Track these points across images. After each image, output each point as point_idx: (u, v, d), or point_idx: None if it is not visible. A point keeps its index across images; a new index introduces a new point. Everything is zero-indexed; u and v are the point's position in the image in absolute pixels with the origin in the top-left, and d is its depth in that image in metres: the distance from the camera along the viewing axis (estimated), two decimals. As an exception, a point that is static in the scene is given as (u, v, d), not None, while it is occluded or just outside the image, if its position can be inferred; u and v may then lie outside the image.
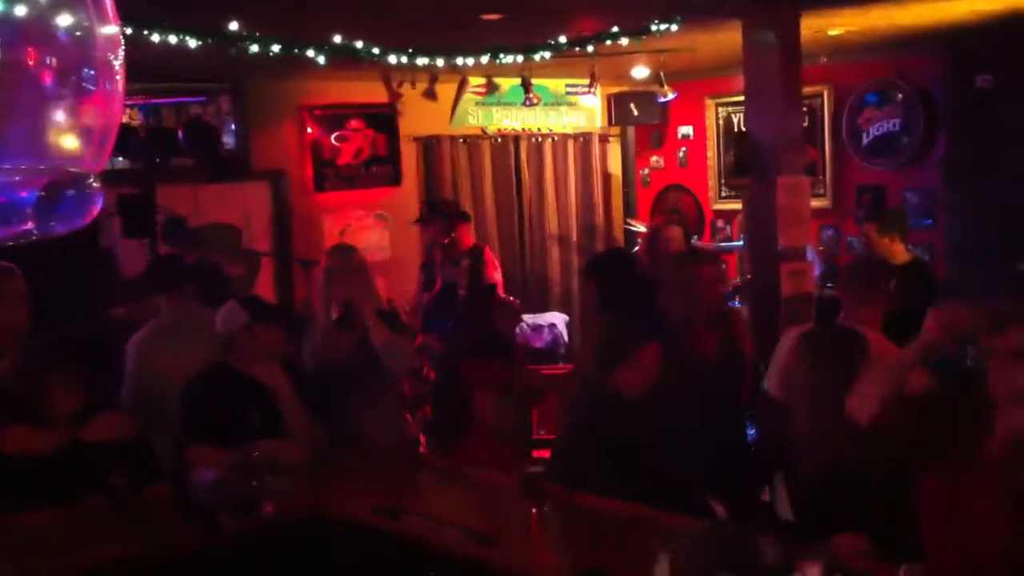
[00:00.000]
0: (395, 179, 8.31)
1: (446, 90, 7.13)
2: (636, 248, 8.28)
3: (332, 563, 3.88)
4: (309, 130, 7.90)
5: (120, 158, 6.47)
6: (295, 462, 4.26)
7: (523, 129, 8.78)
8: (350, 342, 4.74)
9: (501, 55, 6.34)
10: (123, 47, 2.28)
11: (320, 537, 3.91)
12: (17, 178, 2.05)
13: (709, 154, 8.88)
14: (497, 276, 7.17)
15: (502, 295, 6.75)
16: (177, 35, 4.89)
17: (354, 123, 8.06)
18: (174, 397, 4.47)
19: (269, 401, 4.43)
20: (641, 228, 8.38)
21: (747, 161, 5.78)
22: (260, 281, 7.39)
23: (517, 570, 3.36)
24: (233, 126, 7.55)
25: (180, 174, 6.93)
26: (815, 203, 6.50)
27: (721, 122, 8.77)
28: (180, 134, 6.60)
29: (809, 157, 6.18)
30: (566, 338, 7.86)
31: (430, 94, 6.95)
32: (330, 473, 4.29)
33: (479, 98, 8.26)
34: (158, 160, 6.49)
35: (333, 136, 7.98)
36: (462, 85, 7.24)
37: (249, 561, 3.78)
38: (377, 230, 8.24)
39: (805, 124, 6.71)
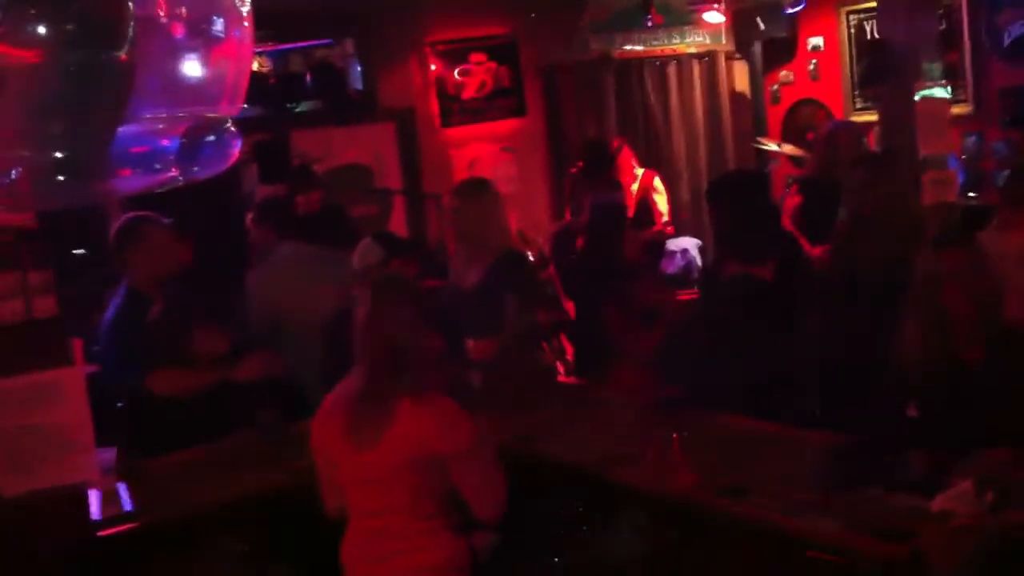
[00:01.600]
0: (520, 111, 8.29)
1: (567, 17, 7.05)
2: (771, 167, 8.13)
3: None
4: (432, 66, 7.93)
5: (252, 105, 6.63)
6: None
7: (646, 52, 8.63)
8: (476, 275, 4.77)
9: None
10: (249, -7, 2.33)
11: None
12: (159, 126, 2.12)
13: (841, 65, 8.59)
14: (664, 204, 7.12)
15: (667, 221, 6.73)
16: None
17: (476, 56, 8.05)
18: (302, 332, 4.59)
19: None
20: (772, 147, 8.18)
21: (882, 70, 5.58)
22: (393, 219, 7.51)
23: (657, 490, 3.38)
24: (359, 67, 7.63)
25: (311, 118, 7.07)
26: (956, 109, 6.24)
27: (853, 31, 8.45)
28: (308, 78, 6.72)
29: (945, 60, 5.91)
30: (699, 263, 7.78)
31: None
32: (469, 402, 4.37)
33: (600, 23, 8.15)
34: (289, 105, 6.63)
35: (456, 71, 8.00)
36: (584, 10, 7.15)
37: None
38: (504, 163, 8.25)
39: (942, 27, 6.42)
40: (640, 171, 7.26)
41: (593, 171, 6.53)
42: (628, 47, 8.48)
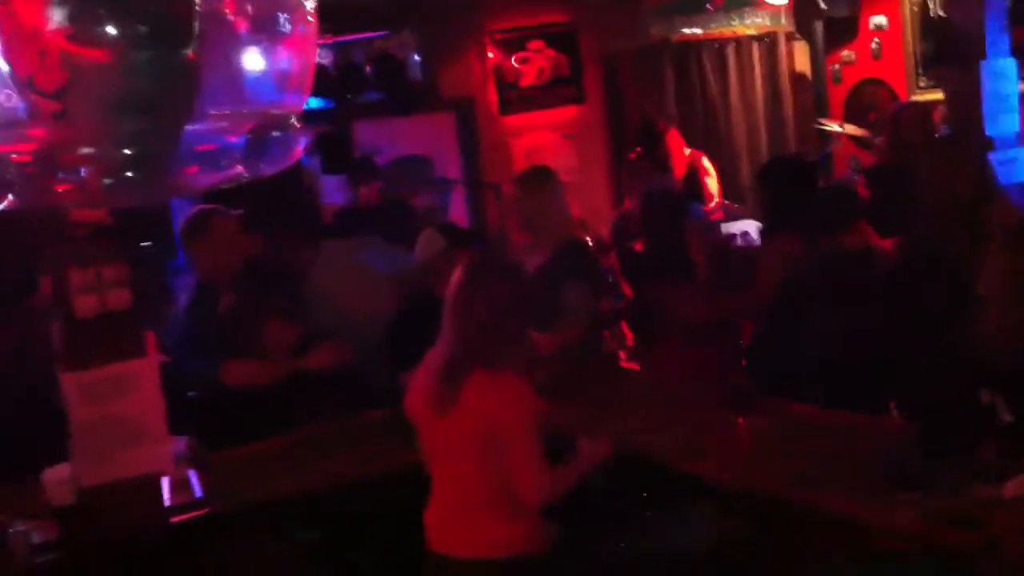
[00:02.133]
0: (579, 98, 8.27)
1: (627, 3, 7.01)
2: (833, 148, 8.03)
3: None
4: (490, 54, 7.94)
5: (314, 97, 6.68)
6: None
7: (705, 35, 8.55)
8: (537, 264, 4.77)
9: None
10: (312, -11, 2.36)
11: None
12: (224, 124, 2.16)
13: (904, 43, 8.44)
14: (714, 185, 7.08)
15: (718, 203, 6.67)
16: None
17: (535, 44, 8.04)
18: (363, 324, 4.64)
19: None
20: (835, 127, 8.07)
21: (947, 47, 5.46)
22: (453, 209, 7.54)
23: (725, 480, 3.37)
24: (417, 57, 7.67)
25: (372, 109, 7.12)
26: (1024, 86, 6.06)
27: (916, 8, 8.31)
28: (368, 69, 6.76)
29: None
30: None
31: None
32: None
33: (660, 7, 8.10)
34: (349, 97, 6.68)
35: (514, 58, 8.00)
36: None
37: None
38: (564, 150, 8.23)
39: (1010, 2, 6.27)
40: (687, 151, 7.22)
41: (644, 154, 6.51)
42: (687, 30, 8.42)
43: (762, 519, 3.27)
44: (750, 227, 7.76)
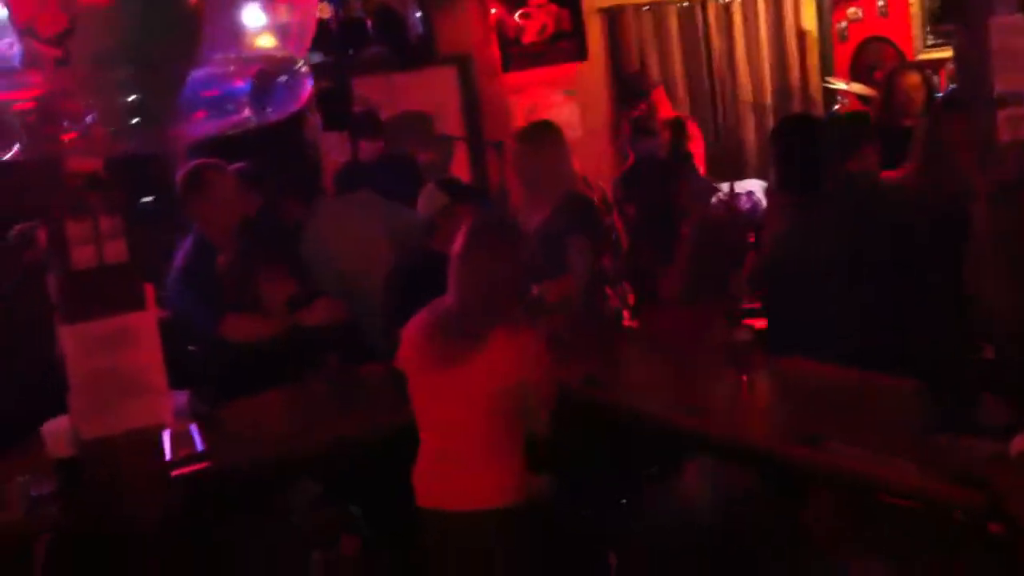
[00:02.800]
0: (581, 54, 8.17)
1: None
2: (839, 106, 7.96)
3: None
4: (492, 10, 7.84)
5: (314, 52, 6.60)
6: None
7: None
8: (540, 220, 4.74)
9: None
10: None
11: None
12: (230, 69, 2.12)
13: (912, 1, 8.35)
14: (698, 149, 7.01)
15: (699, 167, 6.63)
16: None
17: (537, -1, 7.95)
18: (361, 280, 4.62)
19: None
20: (841, 86, 7.99)
21: (954, 4, 5.39)
22: (454, 166, 7.48)
23: (728, 437, 3.36)
24: (418, 12, 7.58)
25: (372, 64, 7.04)
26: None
27: (924, -35, 8.22)
28: (369, 24, 6.68)
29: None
30: (764, 205, 7.66)
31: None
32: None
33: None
34: (350, 51, 6.61)
35: (517, 14, 7.90)
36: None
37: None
38: (566, 107, 8.15)
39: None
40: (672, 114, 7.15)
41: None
42: (692, -14, 8.32)
43: (766, 477, 3.27)
44: (755, 186, 7.73)
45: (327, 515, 3.78)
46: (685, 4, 8.33)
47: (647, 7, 8.23)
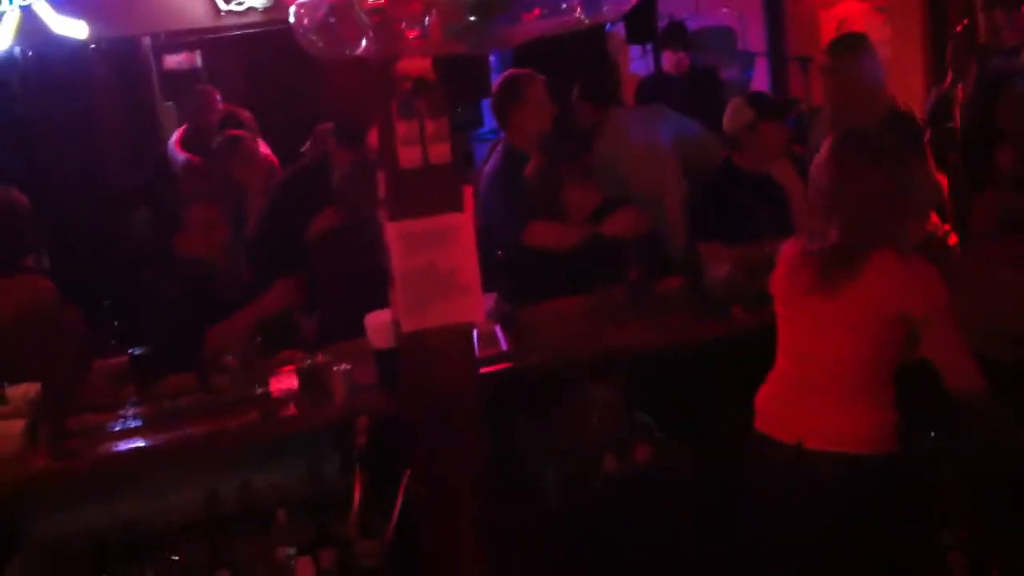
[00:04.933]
0: (899, -35, 7.72)
1: None
2: None
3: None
4: (805, -80, 7.53)
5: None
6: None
7: None
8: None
9: None
10: None
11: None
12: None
13: None
14: None
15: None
16: None
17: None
18: (652, 193, 4.59)
19: (779, 199, 4.42)
20: None
21: None
22: (756, 81, 7.29)
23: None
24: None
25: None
26: None
27: None
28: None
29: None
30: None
31: None
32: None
33: None
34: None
35: (830, -76, 7.55)
36: None
37: (759, 353, 3.86)
38: (876, 23, 7.74)
39: None
40: None
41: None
42: None
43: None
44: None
45: (622, 420, 3.84)
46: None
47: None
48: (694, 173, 4.96)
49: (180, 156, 5.95)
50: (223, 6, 6.31)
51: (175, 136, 6.18)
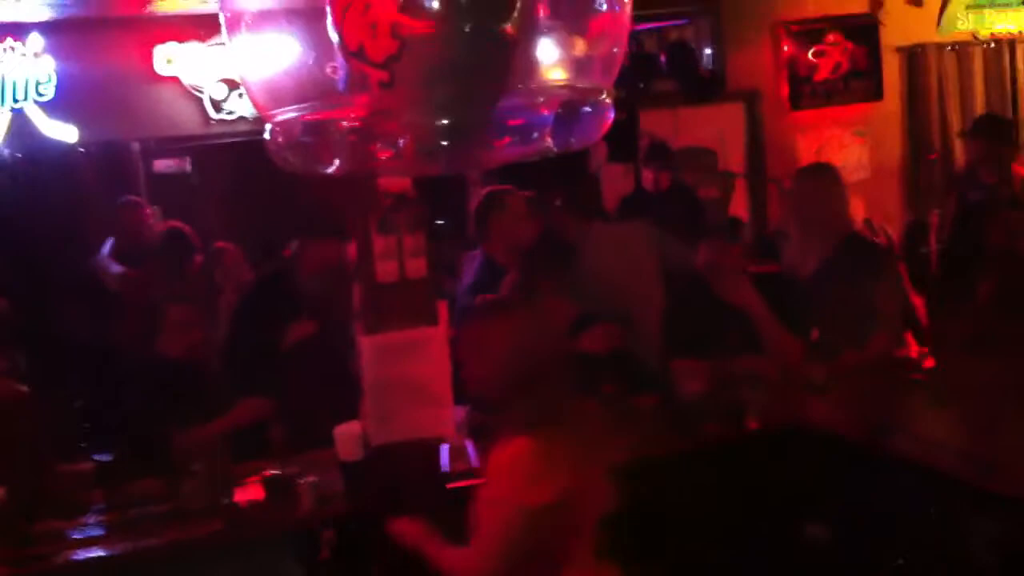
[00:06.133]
0: (875, 94, 7.90)
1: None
2: None
3: (812, 476, 3.85)
4: (785, 47, 7.71)
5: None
6: (775, 376, 4.28)
7: (1021, 34, 7.97)
8: (815, 262, 4.62)
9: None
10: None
11: (801, 451, 3.88)
12: (538, 98, 2.19)
13: None
14: None
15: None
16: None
17: (832, 36, 7.74)
18: (635, 307, 4.64)
19: (744, 318, 4.46)
20: None
21: None
22: (734, 202, 7.39)
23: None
24: (708, 48, 7.57)
25: (659, 98, 7.09)
26: None
27: None
28: (662, 58, 6.73)
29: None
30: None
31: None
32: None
33: (969, 0, 7.64)
34: (641, 85, 6.68)
35: (810, 51, 7.73)
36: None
37: (731, 469, 3.85)
38: (855, 148, 7.90)
39: None
40: None
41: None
42: (1001, 26, 7.88)
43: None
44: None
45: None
46: (992, 45, 7.90)
47: (951, 47, 7.86)
48: (671, 289, 5.01)
49: (115, 267, 6.04)
50: (213, 115, 6.43)
51: (106, 248, 6.25)
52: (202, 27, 6.26)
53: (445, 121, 2.14)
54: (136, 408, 4.05)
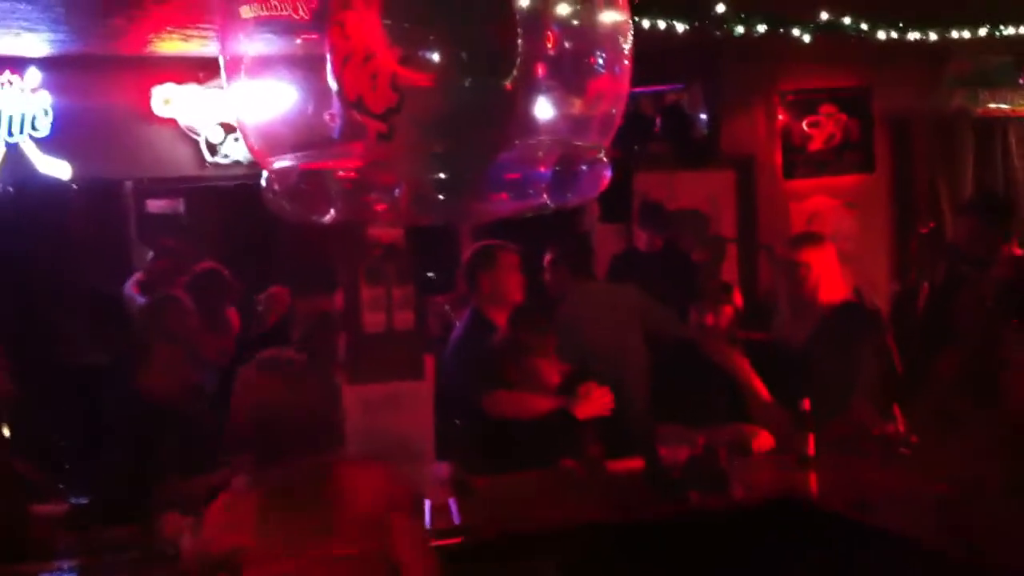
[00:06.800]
0: (868, 166, 7.97)
1: (926, 70, 6.73)
2: None
3: (802, 549, 3.80)
4: (780, 116, 7.78)
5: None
6: (762, 447, 4.25)
7: (1013, 111, 8.07)
8: (805, 332, 4.61)
9: (1000, 27, 5.84)
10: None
11: (790, 523, 3.84)
12: (539, 153, 2.19)
13: None
14: None
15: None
16: (666, 19, 5.03)
17: (827, 108, 7.83)
18: (617, 369, 4.62)
19: (732, 385, 4.45)
20: None
21: None
22: (725, 267, 7.41)
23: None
24: (704, 114, 7.62)
25: (654, 160, 7.14)
26: None
27: None
28: (658, 121, 6.78)
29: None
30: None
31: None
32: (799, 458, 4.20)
33: (963, 77, 7.73)
34: (636, 147, 6.72)
35: (805, 122, 7.81)
36: (946, 63, 6.80)
37: (716, 537, 3.81)
38: (846, 218, 7.94)
39: None
40: None
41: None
42: (993, 105, 7.97)
43: None
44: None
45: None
46: (984, 121, 7.98)
47: (942, 121, 7.93)
48: (659, 353, 5.01)
49: (140, 299, 5.98)
50: (209, 157, 6.44)
51: (133, 278, 6.20)
52: (201, 69, 6.29)
53: (442, 175, 2.14)
54: (116, 448, 3.97)
